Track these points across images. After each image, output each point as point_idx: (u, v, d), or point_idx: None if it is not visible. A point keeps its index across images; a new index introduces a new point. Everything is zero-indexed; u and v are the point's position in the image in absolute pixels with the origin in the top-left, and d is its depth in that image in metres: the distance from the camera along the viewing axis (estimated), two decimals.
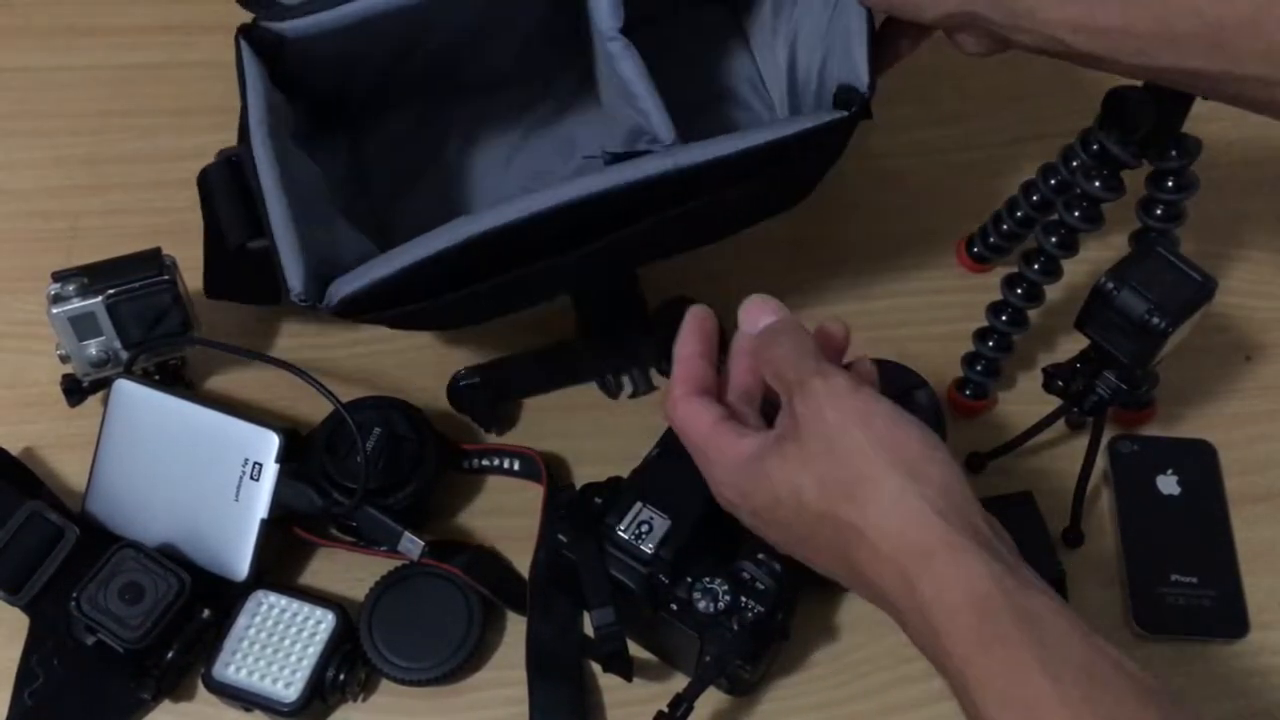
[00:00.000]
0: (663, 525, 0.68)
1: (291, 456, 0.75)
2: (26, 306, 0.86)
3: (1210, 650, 0.76)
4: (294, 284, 0.68)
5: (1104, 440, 0.79)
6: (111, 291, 0.76)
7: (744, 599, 0.68)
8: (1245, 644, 0.76)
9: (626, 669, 0.70)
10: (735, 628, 0.67)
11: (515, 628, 0.76)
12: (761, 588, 0.68)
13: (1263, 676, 0.75)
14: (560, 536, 0.70)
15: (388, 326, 0.75)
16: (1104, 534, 0.80)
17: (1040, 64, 0.65)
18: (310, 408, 0.80)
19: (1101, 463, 0.81)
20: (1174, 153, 0.72)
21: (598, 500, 0.70)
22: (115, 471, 0.77)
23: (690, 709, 0.66)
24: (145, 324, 0.77)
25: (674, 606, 0.68)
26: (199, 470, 0.75)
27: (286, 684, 0.72)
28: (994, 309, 0.81)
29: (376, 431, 0.75)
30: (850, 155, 0.74)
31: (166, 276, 0.77)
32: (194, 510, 0.75)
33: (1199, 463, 0.82)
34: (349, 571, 0.77)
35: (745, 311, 0.62)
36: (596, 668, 0.74)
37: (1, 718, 0.72)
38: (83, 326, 0.76)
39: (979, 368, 0.82)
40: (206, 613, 0.72)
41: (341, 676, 0.72)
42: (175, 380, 0.82)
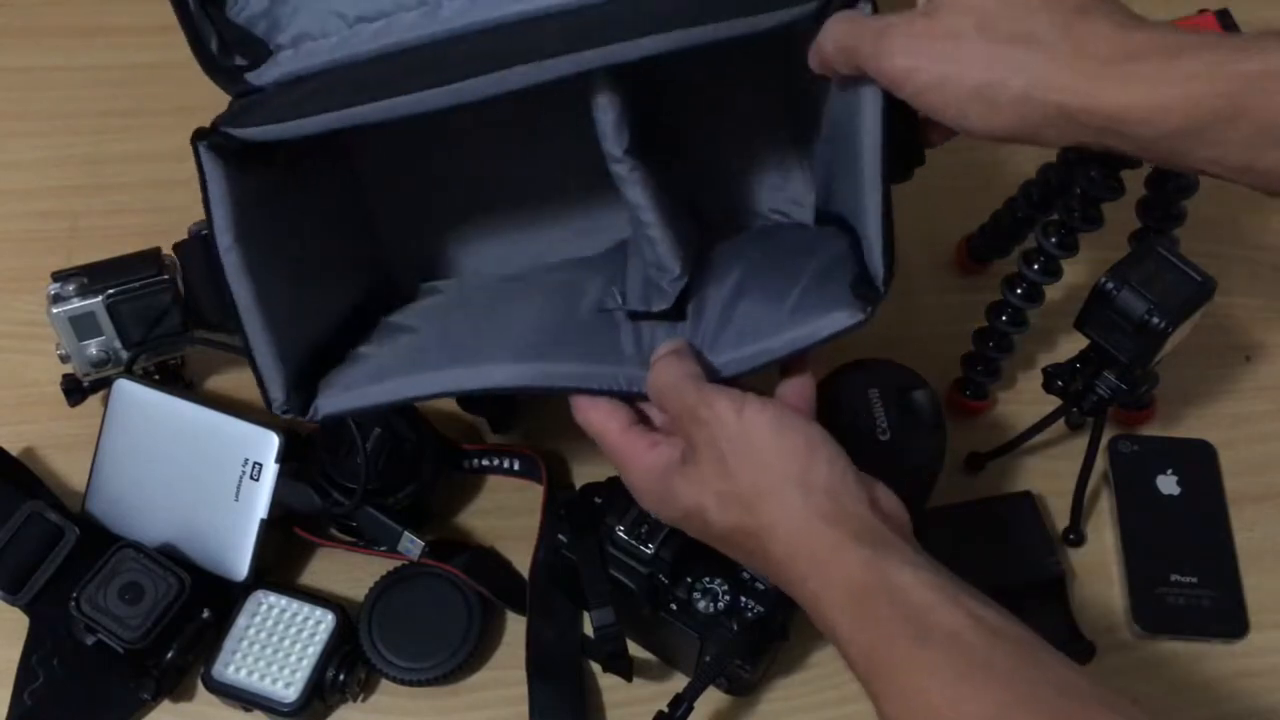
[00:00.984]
0: (663, 525, 0.68)
1: (291, 456, 0.75)
2: (26, 306, 0.86)
3: (1210, 650, 0.76)
4: (275, 396, 0.65)
5: (1104, 440, 0.79)
6: (111, 291, 0.76)
7: (744, 599, 0.68)
8: (1245, 644, 0.76)
9: (626, 669, 0.70)
10: (735, 628, 0.67)
11: (515, 628, 0.76)
12: (761, 588, 0.68)
13: (1262, 677, 0.75)
14: (560, 536, 0.70)
15: None
16: (1104, 534, 0.80)
17: None
18: None
19: (1101, 463, 0.81)
20: None
21: (598, 500, 0.70)
22: (115, 471, 0.77)
23: (690, 709, 0.66)
24: (145, 324, 0.77)
25: (674, 606, 0.68)
26: (199, 470, 0.75)
27: (286, 684, 0.72)
28: (994, 309, 0.81)
29: (376, 431, 0.75)
30: None
31: (166, 276, 0.77)
32: (194, 510, 0.75)
33: (1199, 463, 0.82)
34: (349, 571, 0.78)
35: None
36: (596, 668, 0.74)
37: (1, 718, 0.72)
38: (83, 326, 0.76)
39: (979, 368, 0.82)
40: (206, 613, 0.72)
41: (341, 676, 0.72)
42: (175, 380, 0.82)
